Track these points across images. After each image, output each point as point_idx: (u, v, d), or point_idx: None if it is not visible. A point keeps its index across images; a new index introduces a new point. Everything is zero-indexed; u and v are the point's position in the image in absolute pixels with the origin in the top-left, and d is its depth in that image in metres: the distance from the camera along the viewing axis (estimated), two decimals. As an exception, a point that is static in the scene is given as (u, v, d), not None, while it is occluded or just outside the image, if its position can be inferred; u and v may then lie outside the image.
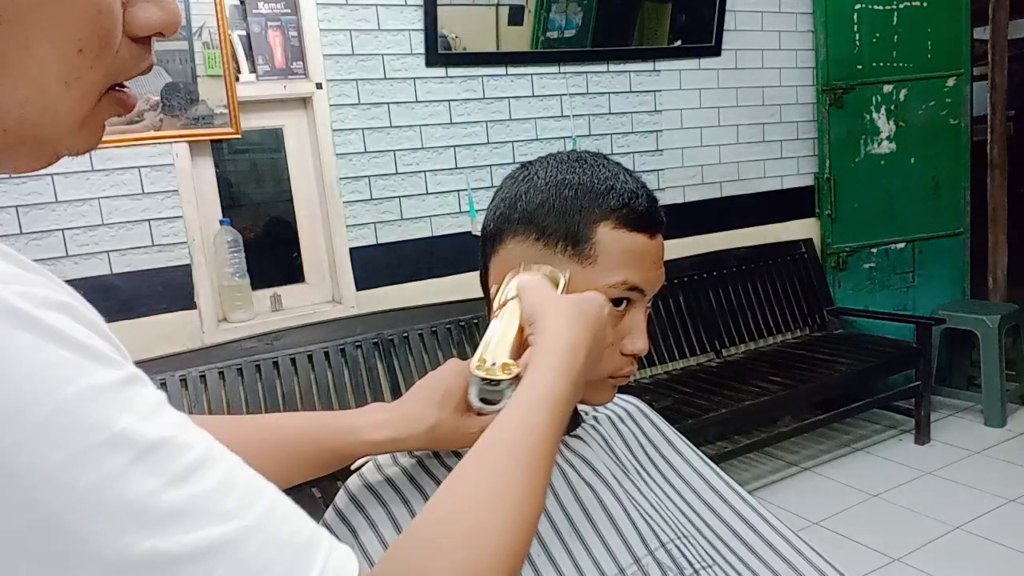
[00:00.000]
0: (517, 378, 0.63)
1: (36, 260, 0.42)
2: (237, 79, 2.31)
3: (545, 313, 0.65)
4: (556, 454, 0.59)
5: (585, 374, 0.64)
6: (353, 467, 0.77)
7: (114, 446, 0.35)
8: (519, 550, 0.50)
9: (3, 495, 0.32)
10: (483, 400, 0.66)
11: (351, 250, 2.57)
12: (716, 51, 3.23)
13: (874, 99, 3.54)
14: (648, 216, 0.75)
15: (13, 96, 0.39)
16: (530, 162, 0.80)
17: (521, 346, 0.66)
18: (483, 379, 0.64)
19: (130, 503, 0.34)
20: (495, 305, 0.72)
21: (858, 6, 3.44)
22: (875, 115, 3.55)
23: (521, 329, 0.67)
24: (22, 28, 0.38)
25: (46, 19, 0.38)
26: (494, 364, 0.64)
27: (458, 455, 0.77)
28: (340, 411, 0.76)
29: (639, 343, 0.75)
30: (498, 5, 2.71)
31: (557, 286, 0.71)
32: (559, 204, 0.74)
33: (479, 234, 0.81)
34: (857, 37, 3.47)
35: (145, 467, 0.35)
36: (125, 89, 0.45)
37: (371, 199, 2.60)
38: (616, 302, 0.74)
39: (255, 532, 0.38)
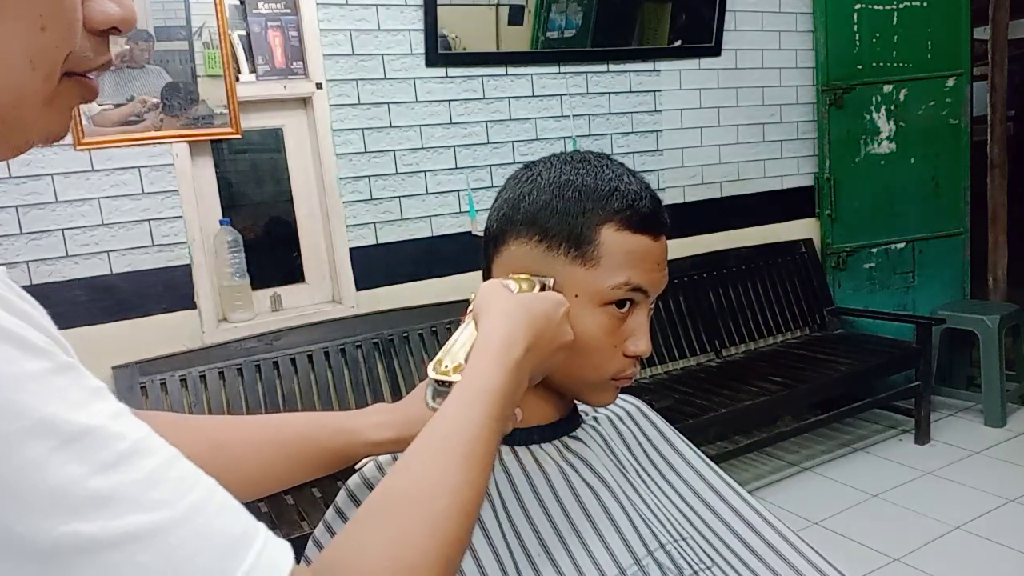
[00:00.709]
0: None
1: (36, 260, 0.43)
2: (237, 79, 2.31)
3: (488, 312, 0.66)
4: (498, 443, 0.58)
5: (530, 367, 0.64)
6: (356, 467, 0.77)
7: (38, 433, 0.35)
8: (455, 540, 0.50)
9: None
10: (435, 400, 0.66)
11: (351, 250, 2.57)
12: (716, 51, 3.23)
13: (874, 99, 3.54)
14: (652, 218, 0.75)
15: None
16: (534, 162, 0.80)
17: None
18: (437, 381, 0.65)
19: (53, 489, 0.34)
20: (466, 312, 0.72)
21: (858, 6, 3.44)
22: (875, 115, 3.55)
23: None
24: None
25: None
26: (447, 366, 0.65)
27: None
28: (342, 412, 0.76)
29: (642, 345, 0.75)
30: (498, 5, 2.71)
31: (532, 290, 0.71)
32: (562, 206, 0.74)
33: (479, 234, 0.81)
34: (857, 37, 3.47)
35: (70, 454, 0.35)
36: (88, 76, 0.46)
37: (371, 199, 2.60)
38: (619, 304, 0.74)
39: (183, 523, 0.38)
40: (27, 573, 0.34)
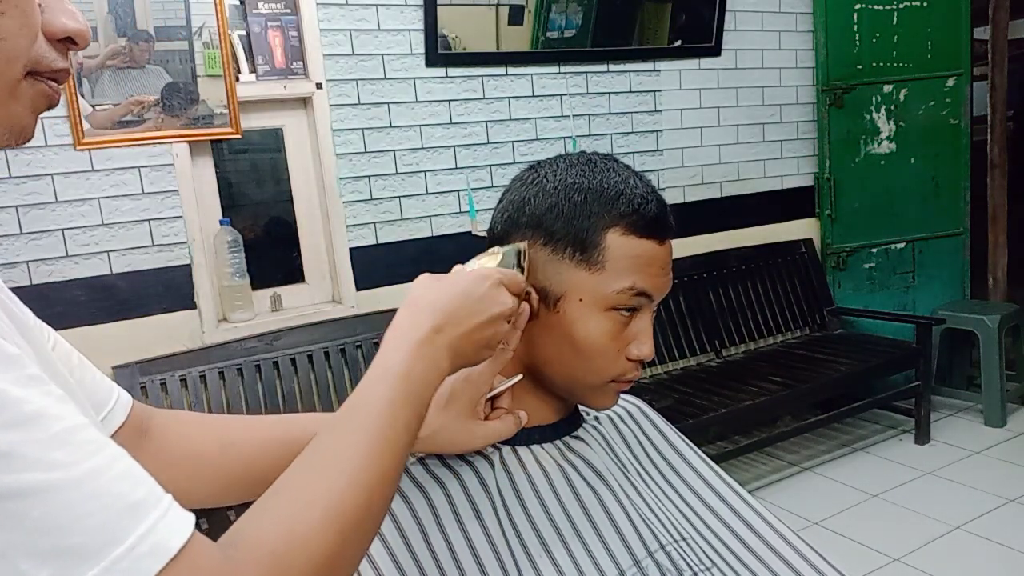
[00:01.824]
0: None
1: (36, 260, 0.44)
2: (237, 79, 2.31)
3: (407, 298, 0.66)
4: (415, 421, 0.59)
5: (446, 345, 0.63)
6: None
7: None
8: (356, 512, 0.51)
9: None
10: None
11: (351, 250, 2.57)
12: (716, 51, 3.23)
13: (874, 99, 3.54)
14: (658, 222, 0.74)
15: None
16: (539, 163, 0.79)
17: None
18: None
19: None
20: None
21: (858, 6, 3.44)
22: (875, 115, 3.55)
23: None
24: None
25: None
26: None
27: (461, 455, 0.77)
28: None
29: (644, 349, 0.75)
30: (498, 5, 2.71)
31: (496, 260, 0.71)
32: (568, 209, 0.73)
33: (479, 234, 0.81)
34: (857, 37, 3.47)
35: None
36: (49, 83, 0.50)
37: (371, 199, 2.60)
38: (623, 309, 0.74)
39: (81, 484, 0.39)
40: None
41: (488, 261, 0.72)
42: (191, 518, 0.43)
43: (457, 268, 0.70)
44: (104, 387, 0.70)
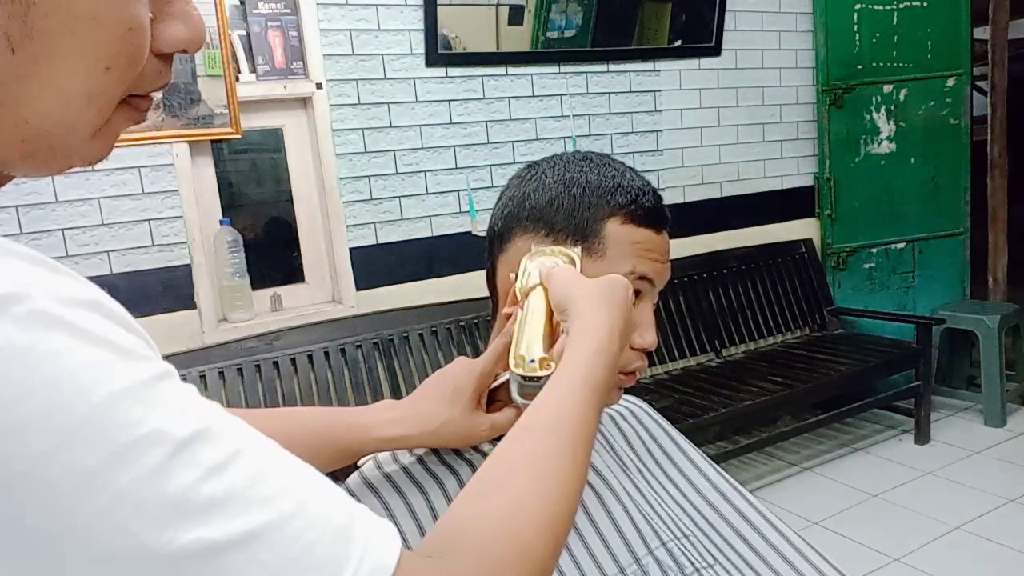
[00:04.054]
0: None
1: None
2: (237, 79, 2.31)
3: (576, 300, 0.65)
4: (595, 431, 0.59)
5: (619, 356, 0.64)
6: (358, 465, 0.77)
7: (151, 442, 0.35)
8: (564, 520, 0.50)
9: (37, 503, 0.32)
10: (523, 396, 0.65)
11: (351, 250, 2.57)
12: (716, 51, 3.23)
13: (874, 99, 3.54)
14: (655, 212, 0.77)
15: (36, 108, 0.39)
16: (536, 162, 0.81)
17: (553, 335, 0.67)
18: (523, 376, 0.64)
19: (171, 497, 0.35)
20: (518, 295, 0.71)
21: (858, 6, 3.44)
22: (875, 115, 3.55)
23: (550, 318, 0.67)
24: (53, 44, 0.38)
25: (77, 36, 0.38)
26: (532, 361, 0.64)
27: (458, 452, 0.77)
28: (351, 408, 0.76)
29: (648, 337, 0.76)
30: (498, 5, 2.71)
31: (575, 265, 0.71)
32: (568, 202, 0.75)
33: (480, 234, 0.82)
34: (857, 37, 3.47)
35: (182, 460, 0.35)
36: (142, 96, 0.45)
37: (371, 199, 2.60)
38: None
39: (296, 516, 0.38)
40: None
41: (563, 260, 0.72)
42: (393, 527, 0.42)
43: (565, 266, 0.70)
44: None
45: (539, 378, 0.63)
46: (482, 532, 0.46)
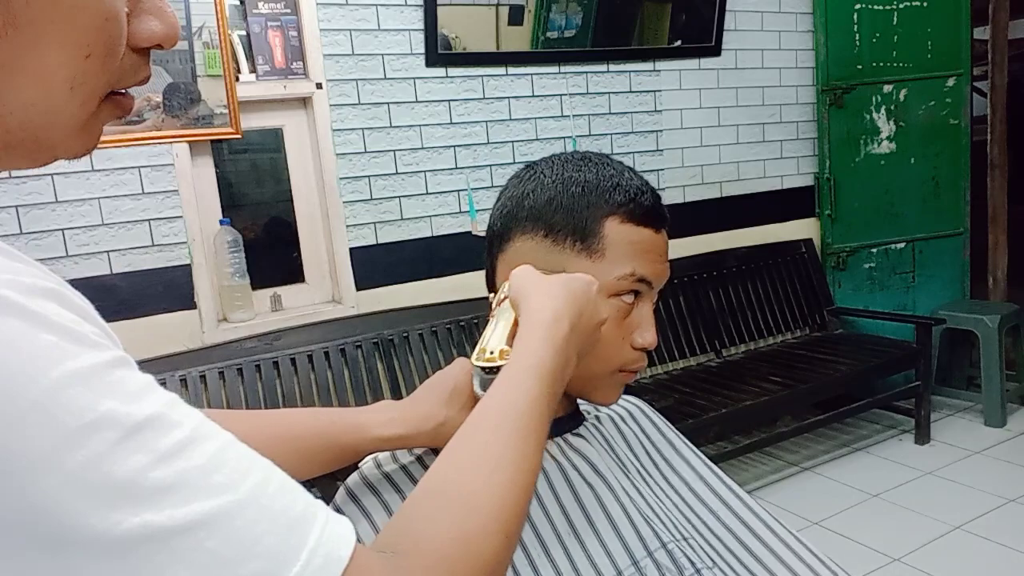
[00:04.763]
0: None
1: (36, 260, 0.42)
2: (237, 79, 2.31)
3: (528, 292, 0.66)
4: (549, 421, 0.59)
5: (575, 345, 0.64)
6: (360, 465, 0.77)
7: (100, 427, 0.35)
8: (515, 512, 0.51)
9: None
10: (484, 388, 0.66)
11: (351, 250, 2.57)
12: (716, 51, 3.23)
13: (874, 99, 3.54)
14: (653, 211, 0.77)
15: (21, 97, 0.40)
16: (535, 162, 0.82)
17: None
18: (482, 368, 0.65)
19: (119, 481, 0.35)
20: (494, 304, 0.72)
21: (858, 6, 3.44)
22: (875, 115, 3.55)
23: (516, 319, 0.67)
24: (35, 32, 0.39)
25: (58, 24, 0.39)
26: (492, 353, 0.65)
27: None
28: (350, 408, 0.77)
29: (648, 336, 0.77)
30: (498, 5, 2.71)
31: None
32: (567, 201, 0.75)
33: (479, 234, 0.82)
34: (857, 37, 3.47)
35: (132, 445, 0.36)
36: (125, 92, 0.46)
37: (371, 199, 2.60)
38: (625, 295, 0.75)
39: (247, 505, 0.38)
40: (101, 565, 0.35)
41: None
42: (350, 524, 0.42)
43: (532, 268, 0.71)
44: None
45: (497, 368, 0.63)
46: (430, 528, 0.47)
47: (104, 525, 0.34)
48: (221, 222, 2.38)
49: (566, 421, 0.82)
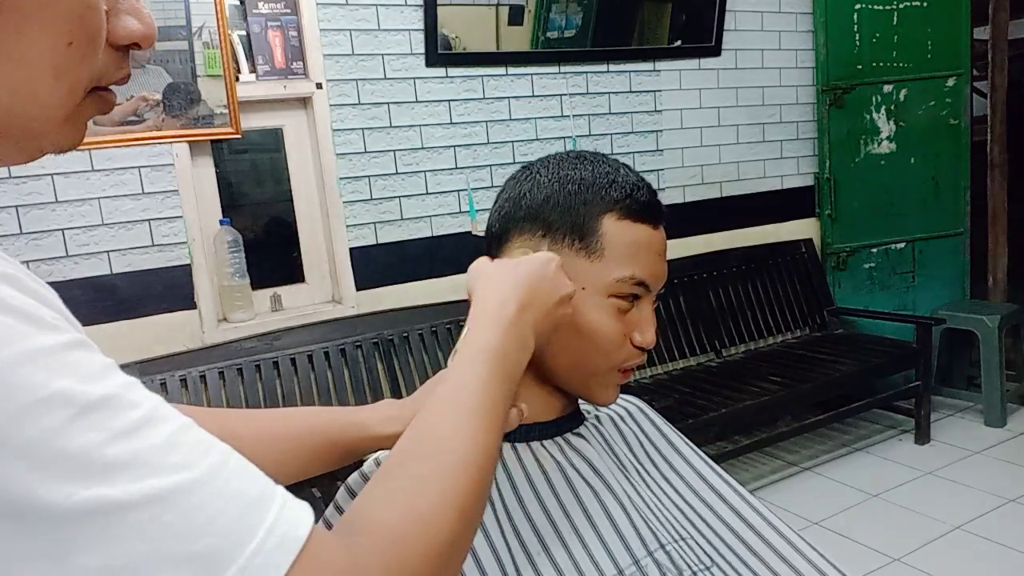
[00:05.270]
0: None
1: (36, 260, 0.43)
2: (237, 79, 2.31)
3: (477, 283, 0.69)
4: (507, 401, 0.60)
5: (530, 324, 0.65)
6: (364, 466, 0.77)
7: (54, 403, 0.36)
8: (470, 492, 0.51)
9: None
10: None
11: (351, 250, 2.57)
12: (716, 51, 3.23)
13: (874, 99, 3.54)
14: (651, 207, 0.77)
15: (6, 84, 0.41)
16: (531, 163, 0.82)
17: None
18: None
19: (72, 455, 0.35)
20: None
21: (858, 6, 3.44)
22: (875, 115, 3.55)
23: None
24: (18, 18, 0.40)
25: (40, 10, 0.40)
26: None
27: None
28: (350, 407, 0.77)
29: (648, 336, 0.77)
30: (498, 5, 2.71)
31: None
32: (564, 199, 0.76)
33: (479, 234, 0.82)
34: (857, 37, 3.47)
35: (87, 422, 0.36)
36: (107, 89, 0.47)
37: (371, 199, 2.60)
38: (624, 297, 0.76)
39: (203, 484, 0.39)
40: (53, 537, 0.35)
41: (518, 253, 0.74)
42: (308, 507, 0.43)
43: (485, 258, 0.74)
44: None
45: None
46: (385, 509, 0.48)
47: (55, 497, 0.35)
48: (221, 222, 2.38)
49: (566, 421, 0.82)
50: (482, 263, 0.71)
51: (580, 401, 0.85)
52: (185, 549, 0.37)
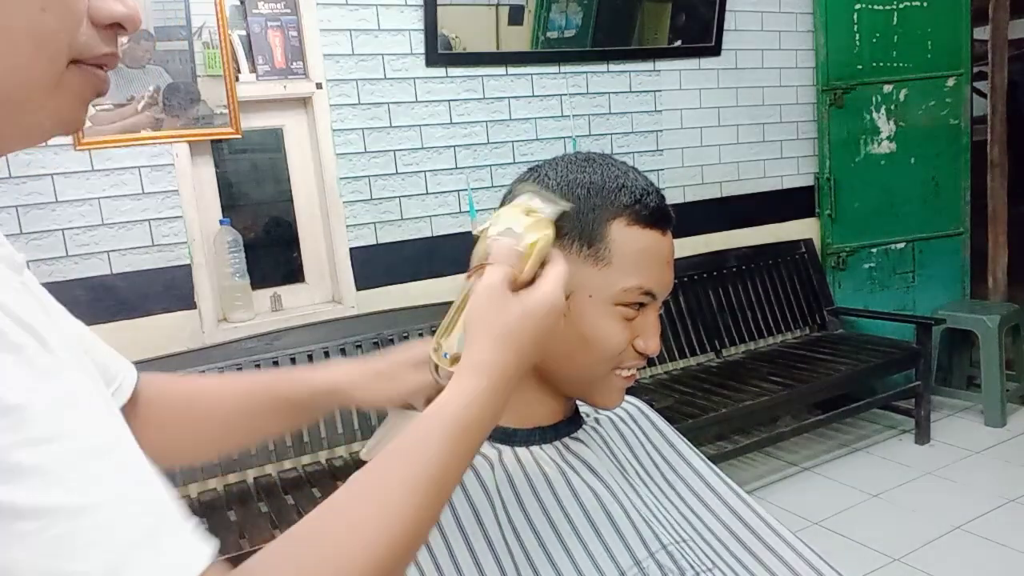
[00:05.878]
0: None
1: (36, 260, 0.43)
2: (237, 79, 2.31)
3: (477, 328, 0.60)
4: (462, 472, 0.56)
5: (523, 370, 0.60)
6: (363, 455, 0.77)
7: None
8: (393, 557, 0.49)
9: None
10: (436, 382, 0.66)
11: (351, 250, 2.57)
12: (716, 51, 3.23)
13: (874, 99, 3.53)
14: (660, 212, 0.76)
15: None
16: (538, 164, 0.81)
17: None
18: (436, 366, 0.65)
19: None
20: (475, 246, 0.67)
21: (858, 6, 3.44)
22: (875, 115, 3.55)
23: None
24: None
25: None
26: (446, 356, 0.64)
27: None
28: (310, 367, 0.81)
29: (651, 344, 0.76)
30: (498, 5, 2.71)
31: (550, 230, 0.67)
32: (572, 203, 0.74)
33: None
34: (857, 37, 3.47)
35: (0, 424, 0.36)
36: (97, 68, 0.48)
37: (371, 199, 2.60)
38: (630, 305, 0.75)
39: (98, 510, 0.38)
40: None
41: (531, 228, 0.66)
42: (212, 545, 0.41)
43: (499, 283, 0.62)
44: (112, 368, 0.70)
45: (450, 374, 0.60)
46: (305, 553, 0.46)
47: None
48: (221, 222, 2.38)
49: (565, 425, 0.82)
50: (496, 296, 0.61)
51: (579, 403, 0.85)
52: (63, 567, 0.36)
